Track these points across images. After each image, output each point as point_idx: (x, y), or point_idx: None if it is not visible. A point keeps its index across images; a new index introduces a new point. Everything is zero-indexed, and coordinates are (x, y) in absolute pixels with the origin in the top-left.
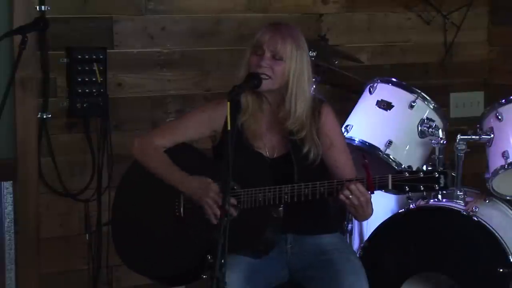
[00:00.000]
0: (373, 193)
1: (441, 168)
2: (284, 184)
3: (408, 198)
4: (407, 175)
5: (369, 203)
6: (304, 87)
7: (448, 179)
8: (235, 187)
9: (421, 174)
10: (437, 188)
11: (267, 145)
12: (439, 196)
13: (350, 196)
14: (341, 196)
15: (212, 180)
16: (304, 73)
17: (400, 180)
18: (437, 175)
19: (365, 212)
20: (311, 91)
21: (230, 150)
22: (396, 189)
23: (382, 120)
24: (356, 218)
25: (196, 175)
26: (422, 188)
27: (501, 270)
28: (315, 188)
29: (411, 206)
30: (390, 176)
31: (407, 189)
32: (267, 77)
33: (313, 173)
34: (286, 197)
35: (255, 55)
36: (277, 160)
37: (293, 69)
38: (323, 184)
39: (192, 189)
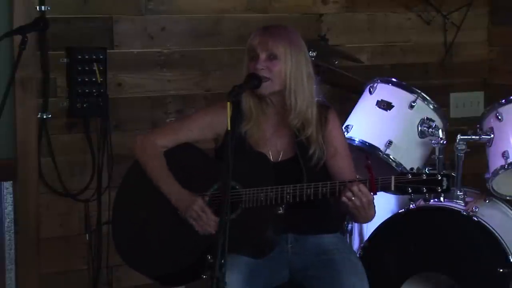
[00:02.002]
0: (376, 194)
1: (444, 171)
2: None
3: (410, 199)
4: (410, 177)
5: (371, 204)
6: (303, 84)
7: (450, 182)
8: (237, 187)
9: (424, 176)
10: (439, 190)
11: (272, 149)
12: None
13: (353, 198)
14: (344, 198)
15: (202, 197)
16: (302, 70)
17: (403, 182)
18: (440, 178)
19: (367, 213)
20: (314, 89)
21: (230, 152)
22: (399, 191)
23: (382, 120)
24: (358, 221)
25: (198, 174)
26: (424, 190)
27: (501, 270)
28: (317, 188)
29: (411, 206)
30: (393, 177)
31: (410, 191)
32: (266, 79)
33: (319, 176)
34: (288, 197)
35: (251, 60)
36: (282, 164)
37: (290, 67)
38: (325, 184)
39: (178, 200)
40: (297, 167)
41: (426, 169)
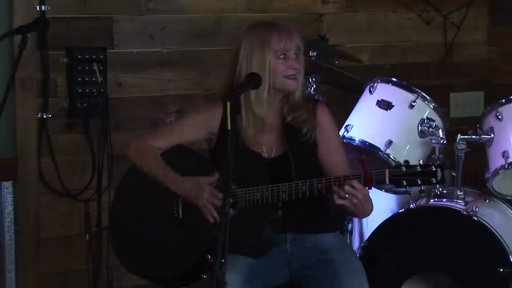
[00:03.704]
0: (371, 188)
1: (438, 162)
2: (282, 183)
3: (406, 192)
4: (404, 169)
5: (367, 199)
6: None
7: (445, 172)
8: (233, 187)
9: (418, 168)
10: (434, 181)
11: (265, 145)
12: (438, 192)
13: (347, 196)
14: (339, 200)
15: (206, 179)
16: None
17: (397, 175)
18: (434, 169)
19: (365, 208)
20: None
21: (229, 150)
22: (394, 184)
23: (382, 120)
24: (357, 216)
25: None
26: (419, 182)
27: (501, 270)
28: (312, 185)
29: (411, 206)
30: (387, 171)
31: (405, 183)
32: (295, 77)
33: (311, 171)
34: (283, 195)
35: (280, 58)
36: (275, 160)
37: (303, 62)
38: (320, 181)
39: (186, 190)
40: (289, 162)
41: (420, 160)
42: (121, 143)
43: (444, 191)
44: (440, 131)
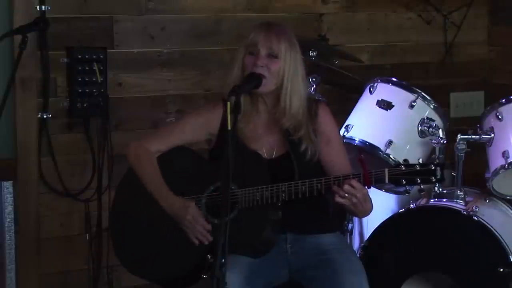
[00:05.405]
0: (370, 187)
1: (437, 161)
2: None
3: (406, 191)
4: (403, 168)
5: (367, 198)
6: (298, 85)
7: (444, 172)
8: (232, 187)
9: (417, 167)
10: (433, 180)
11: (265, 146)
12: (438, 192)
13: (346, 195)
14: (338, 199)
15: (195, 203)
16: (298, 70)
17: (396, 174)
18: (433, 168)
19: (365, 207)
20: (307, 90)
21: (230, 150)
22: (393, 183)
23: (382, 120)
24: (356, 216)
25: (194, 177)
26: (419, 181)
27: (501, 270)
28: (311, 184)
29: (411, 206)
30: (386, 170)
31: (404, 182)
32: (263, 77)
33: (313, 172)
34: (283, 195)
35: (250, 55)
36: (276, 161)
37: (288, 67)
38: (320, 180)
39: (172, 209)
40: (290, 163)
41: (419, 159)
42: (121, 143)
43: (444, 191)
44: (440, 131)
